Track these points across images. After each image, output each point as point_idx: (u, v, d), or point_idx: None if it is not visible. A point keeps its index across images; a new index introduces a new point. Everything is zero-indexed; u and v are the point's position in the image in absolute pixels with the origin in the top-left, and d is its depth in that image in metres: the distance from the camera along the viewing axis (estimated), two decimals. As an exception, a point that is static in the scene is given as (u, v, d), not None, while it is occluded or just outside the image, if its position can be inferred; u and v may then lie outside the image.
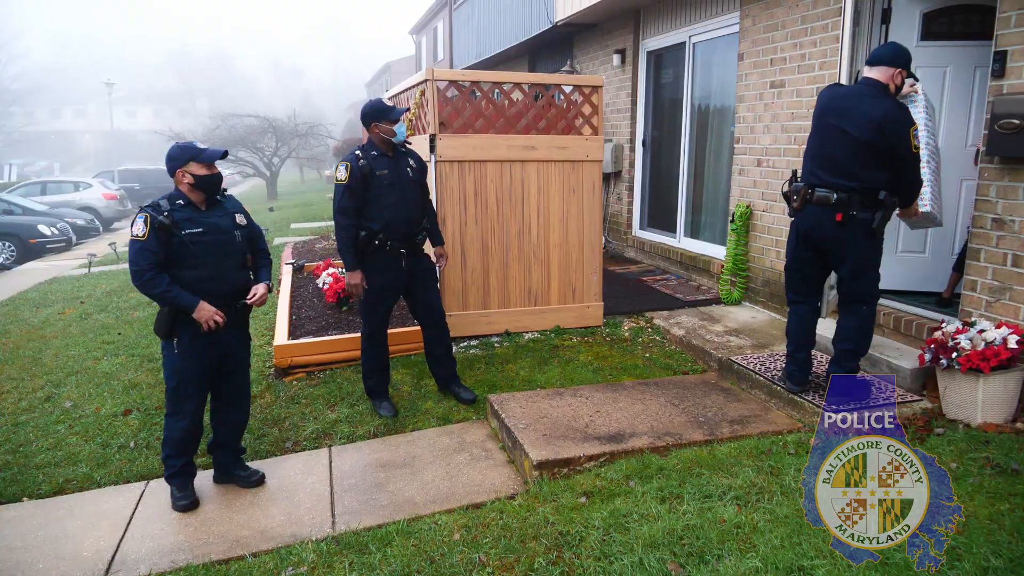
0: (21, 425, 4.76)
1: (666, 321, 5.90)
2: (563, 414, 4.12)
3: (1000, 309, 3.96)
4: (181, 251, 3.40)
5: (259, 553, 3.19)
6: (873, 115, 3.61)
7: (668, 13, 7.69)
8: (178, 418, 3.57)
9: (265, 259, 3.80)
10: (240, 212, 3.65)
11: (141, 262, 3.33)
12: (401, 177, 4.37)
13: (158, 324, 3.46)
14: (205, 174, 3.46)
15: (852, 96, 3.79)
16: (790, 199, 3.99)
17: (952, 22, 4.95)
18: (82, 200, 20.25)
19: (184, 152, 3.44)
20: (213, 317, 3.44)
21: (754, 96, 6.10)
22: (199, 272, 3.44)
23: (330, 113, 43.79)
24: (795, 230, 4.03)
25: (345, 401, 4.73)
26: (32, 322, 7.76)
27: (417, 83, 5.81)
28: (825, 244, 3.88)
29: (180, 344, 3.48)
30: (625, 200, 8.79)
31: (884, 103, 3.66)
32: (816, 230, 3.87)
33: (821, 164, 3.81)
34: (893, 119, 3.60)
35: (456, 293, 5.60)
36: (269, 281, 3.74)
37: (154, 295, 3.37)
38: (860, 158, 3.67)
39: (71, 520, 3.57)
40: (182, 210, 3.43)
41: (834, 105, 3.81)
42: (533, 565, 2.81)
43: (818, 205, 3.80)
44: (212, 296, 3.46)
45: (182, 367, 3.50)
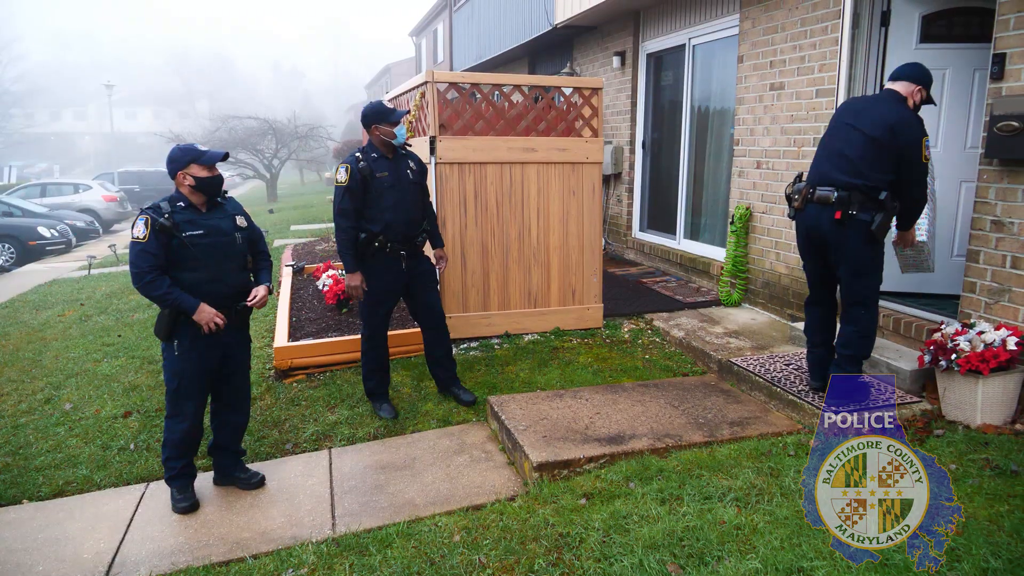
0: (21, 427, 4.76)
1: (666, 323, 5.90)
2: (563, 416, 4.13)
3: (999, 311, 3.96)
4: (182, 253, 3.40)
5: (259, 555, 3.19)
6: (888, 116, 3.68)
7: (668, 15, 7.70)
8: (178, 420, 3.57)
9: (265, 261, 3.80)
10: (241, 214, 3.65)
11: (142, 264, 3.33)
12: (401, 179, 4.37)
13: (158, 326, 3.47)
14: (206, 176, 3.46)
15: (870, 100, 3.92)
16: (791, 200, 4.02)
17: (951, 24, 4.96)
18: (82, 202, 20.23)
19: (185, 154, 3.44)
20: (214, 319, 3.44)
21: (754, 98, 6.11)
22: (200, 274, 3.44)
23: (330, 115, 43.86)
24: (798, 231, 4.07)
25: (345, 403, 4.73)
26: (32, 324, 7.76)
27: (417, 85, 5.82)
28: (825, 243, 3.89)
29: (180, 346, 3.48)
30: (625, 202, 8.80)
31: (901, 108, 3.73)
32: (816, 229, 3.89)
33: (830, 160, 3.85)
34: (908, 123, 3.66)
35: (456, 295, 5.61)
36: (269, 283, 3.75)
37: (155, 297, 3.37)
38: (869, 156, 3.70)
39: (71, 522, 3.57)
40: (183, 212, 3.44)
41: (851, 107, 3.92)
42: (533, 567, 2.81)
43: (818, 204, 3.83)
44: (213, 298, 3.47)
45: (182, 369, 3.50)
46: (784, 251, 5.79)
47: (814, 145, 5.41)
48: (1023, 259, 3.80)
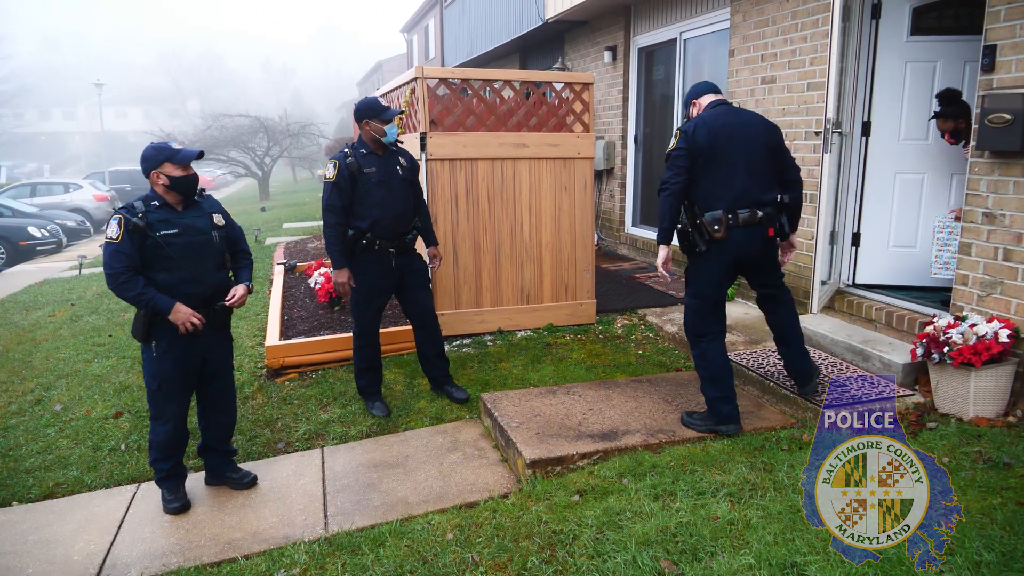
0: (11, 428, 4.72)
1: (659, 318, 5.90)
2: (556, 412, 4.11)
3: (991, 303, 3.96)
4: (157, 253, 3.34)
5: (251, 555, 3.17)
6: (765, 122, 3.78)
7: (659, 9, 7.68)
8: (161, 422, 3.54)
9: (246, 259, 3.76)
10: (218, 212, 3.60)
11: (115, 265, 3.28)
12: (390, 175, 4.34)
13: (135, 327, 3.43)
14: (180, 175, 3.40)
15: (736, 114, 3.79)
16: (704, 230, 3.67)
17: (941, 17, 4.96)
18: (72, 202, 20.14)
19: (158, 153, 3.38)
20: (190, 319, 3.39)
21: (745, 92, 6.09)
22: (176, 274, 3.39)
23: (322, 112, 43.78)
24: (720, 259, 3.72)
25: (337, 401, 4.71)
26: (22, 325, 7.71)
27: (407, 81, 5.79)
28: (754, 263, 3.84)
29: (158, 347, 3.43)
30: (617, 197, 8.79)
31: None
32: (748, 252, 3.72)
33: (744, 180, 3.65)
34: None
35: (448, 292, 5.59)
36: (249, 282, 3.70)
37: (129, 298, 3.32)
38: (772, 166, 3.75)
39: (61, 524, 3.54)
40: (157, 211, 3.38)
41: (729, 125, 3.68)
42: (526, 564, 2.80)
43: (745, 227, 3.65)
44: (190, 298, 3.42)
45: (161, 370, 3.46)
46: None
47: (806, 139, 5.41)
48: (1015, 251, 3.80)
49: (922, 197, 5.08)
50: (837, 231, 5.25)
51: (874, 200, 5.18)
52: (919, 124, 4.99)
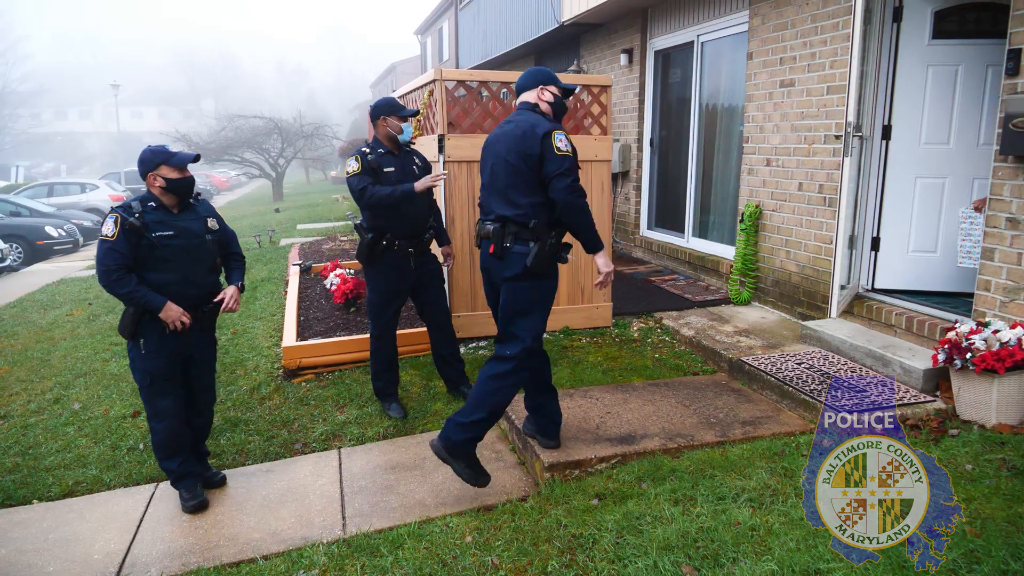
0: (30, 427, 4.76)
1: (675, 321, 5.87)
2: (573, 415, 4.10)
3: (1015, 309, 3.92)
4: (150, 253, 3.40)
5: (270, 556, 3.18)
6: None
7: (676, 12, 7.66)
8: (158, 419, 3.57)
9: (238, 262, 3.81)
10: (212, 216, 3.66)
11: (109, 262, 3.33)
12: (408, 174, 4.38)
13: (122, 324, 3.47)
14: (176, 178, 3.45)
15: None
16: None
17: (963, 20, 4.91)
18: (89, 201, 20.32)
19: (155, 156, 3.45)
20: (180, 318, 3.44)
21: (763, 95, 6.07)
22: (168, 275, 3.44)
23: (335, 114, 43.88)
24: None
25: (354, 402, 4.72)
26: (40, 324, 7.77)
27: (425, 83, 5.79)
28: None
29: (147, 344, 3.47)
30: (633, 200, 8.77)
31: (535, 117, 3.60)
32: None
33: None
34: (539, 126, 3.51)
35: (465, 293, 5.58)
36: (240, 282, 3.75)
37: (121, 295, 3.36)
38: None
39: (81, 523, 3.56)
40: (153, 212, 3.43)
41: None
42: (547, 568, 2.79)
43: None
44: (181, 300, 3.46)
45: (151, 367, 3.49)
46: (795, 249, 5.75)
47: (825, 142, 5.38)
48: (1039, 257, 3.76)
49: (943, 202, 5.04)
50: (856, 235, 5.21)
51: (894, 204, 5.14)
52: (940, 128, 4.94)
